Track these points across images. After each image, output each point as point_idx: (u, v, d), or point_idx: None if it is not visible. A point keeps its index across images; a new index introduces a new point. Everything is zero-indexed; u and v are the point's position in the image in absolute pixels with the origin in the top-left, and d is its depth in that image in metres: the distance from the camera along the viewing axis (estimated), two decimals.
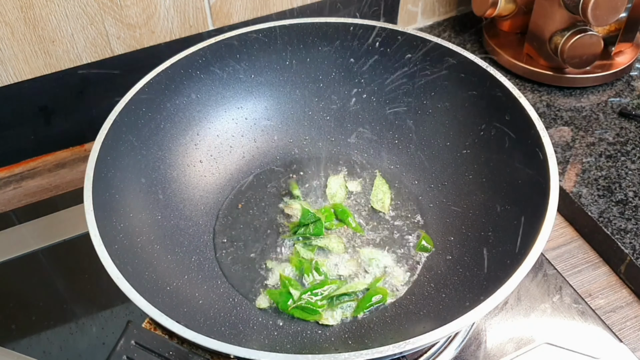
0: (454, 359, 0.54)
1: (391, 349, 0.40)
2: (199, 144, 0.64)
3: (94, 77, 0.71)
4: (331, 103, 0.68)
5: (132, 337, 0.43)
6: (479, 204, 0.58)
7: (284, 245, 0.60)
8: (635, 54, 0.80)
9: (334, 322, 0.53)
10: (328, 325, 0.53)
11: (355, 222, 0.61)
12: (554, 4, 0.73)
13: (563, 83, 0.78)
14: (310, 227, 0.59)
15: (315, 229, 0.59)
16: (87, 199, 0.49)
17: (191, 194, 0.62)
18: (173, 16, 0.71)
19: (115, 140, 0.55)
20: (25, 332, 0.58)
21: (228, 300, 0.54)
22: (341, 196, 0.63)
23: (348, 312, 0.54)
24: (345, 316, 0.54)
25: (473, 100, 0.61)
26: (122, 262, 0.47)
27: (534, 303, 0.58)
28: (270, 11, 0.76)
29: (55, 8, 0.64)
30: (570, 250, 0.64)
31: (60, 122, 0.73)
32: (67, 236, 0.65)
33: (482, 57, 0.81)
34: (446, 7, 0.90)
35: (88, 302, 0.60)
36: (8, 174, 0.74)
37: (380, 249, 0.59)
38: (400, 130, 0.66)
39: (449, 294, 0.52)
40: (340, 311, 0.54)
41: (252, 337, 0.51)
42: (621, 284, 0.61)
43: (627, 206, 0.64)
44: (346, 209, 0.62)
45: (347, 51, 0.66)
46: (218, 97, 0.65)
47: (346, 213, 0.61)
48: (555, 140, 0.72)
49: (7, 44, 0.65)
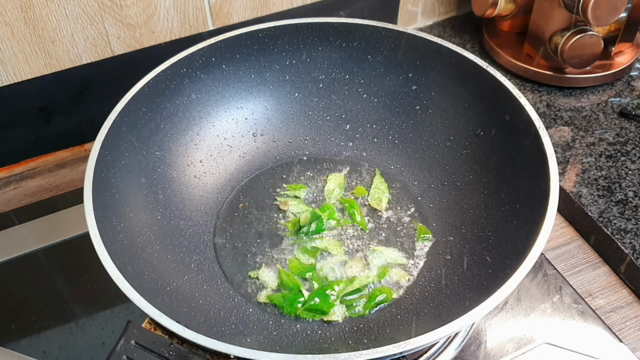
0: (454, 359, 0.54)
1: (391, 349, 0.40)
2: (199, 144, 0.64)
3: (94, 77, 0.71)
4: (331, 103, 0.68)
5: (132, 337, 0.43)
6: (479, 204, 0.58)
7: (285, 245, 0.60)
8: (635, 54, 0.80)
9: (340, 318, 0.53)
10: (329, 324, 0.53)
11: (361, 216, 0.61)
12: (554, 4, 0.73)
13: (563, 83, 0.78)
14: (311, 225, 0.59)
15: (317, 227, 0.59)
16: (87, 199, 0.49)
17: (191, 194, 0.62)
18: (173, 16, 0.71)
19: (115, 140, 0.55)
20: (25, 332, 0.58)
21: (228, 300, 0.54)
22: (338, 195, 0.63)
23: (355, 313, 0.54)
24: (354, 315, 0.54)
25: (473, 100, 0.61)
26: (122, 262, 0.47)
27: (534, 303, 0.58)
28: (270, 11, 0.76)
29: (55, 8, 0.64)
30: (570, 250, 0.64)
31: (60, 122, 0.73)
32: (67, 236, 0.65)
33: (482, 57, 0.82)
34: (446, 7, 0.90)
35: (88, 302, 0.60)
36: (8, 174, 0.74)
37: (382, 247, 0.59)
38: (400, 130, 0.66)
39: (449, 294, 0.52)
40: (343, 307, 0.54)
41: (252, 337, 0.51)
42: (621, 284, 0.61)
43: (627, 206, 0.64)
44: (354, 201, 0.62)
45: (347, 51, 0.66)
46: (218, 97, 0.65)
47: (353, 204, 0.61)
48: (555, 140, 0.72)
49: (7, 44, 0.65)
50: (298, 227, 0.60)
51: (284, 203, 0.63)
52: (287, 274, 0.56)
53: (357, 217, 0.61)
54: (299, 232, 0.60)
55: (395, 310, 0.54)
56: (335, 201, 0.63)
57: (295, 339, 0.52)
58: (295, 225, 0.60)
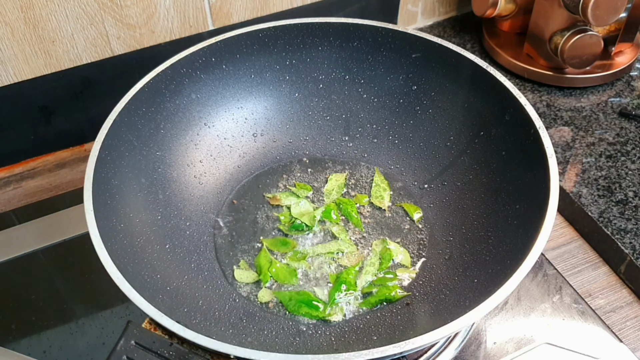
0: (454, 359, 0.54)
1: (391, 349, 0.40)
2: (199, 144, 0.64)
3: (94, 77, 0.71)
4: (331, 103, 0.68)
5: (132, 337, 0.43)
6: (479, 204, 0.58)
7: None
8: (635, 54, 0.80)
9: (340, 318, 0.53)
10: (329, 324, 0.53)
11: (357, 215, 0.61)
12: (554, 4, 0.73)
13: (563, 83, 0.78)
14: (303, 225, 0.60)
15: (308, 226, 0.60)
16: (87, 199, 0.49)
17: (191, 194, 0.62)
18: (173, 16, 0.71)
19: (115, 140, 0.55)
20: (25, 332, 0.58)
21: (228, 301, 0.54)
22: (337, 195, 0.63)
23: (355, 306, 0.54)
24: (359, 306, 0.54)
25: (473, 100, 0.61)
26: (122, 262, 0.47)
27: (534, 303, 0.58)
28: (270, 11, 0.76)
29: (56, 8, 0.64)
30: (570, 250, 0.64)
31: (60, 122, 0.73)
32: (67, 236, 0.65)
33: (482, 57, 0.82)
34: (446, 7, 0.90)
35: (88, 302, 0.60)
36: (8, 174, 0.74)
37: (382, 247, 0.59)
38: (400, 130, 0.66)
39: (449, 294, 0.52)
40: (345, 303, 0.54)
41: (252, 337, 0.51)
42: (621, 284, 0.61)
43: (627, 206, 0.64)
44: (350, 201, 0.62)
45: (347, 51, 0.66)
46: (218, 97, 0.65)
47: (349, 204, 0.61)
48: (555, 140, 0.72)
49: (7, 44, 0.65)
50: (290, 218, 0.60)
51: (273, 198, 0.63)
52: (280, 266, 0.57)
53: (354, 216, 0.61)
54: (293, 226, 0.60)
55: (395, 310, 0.54)
56: (333, 201, 0.63)
57: (295, 339, 0.52)
58: (287, 218, 0.61)
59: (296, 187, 0.64)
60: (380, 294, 0.55)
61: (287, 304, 0.54)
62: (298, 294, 0.55)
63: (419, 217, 0.61)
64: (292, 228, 0.60)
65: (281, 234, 0.60)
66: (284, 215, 0.62)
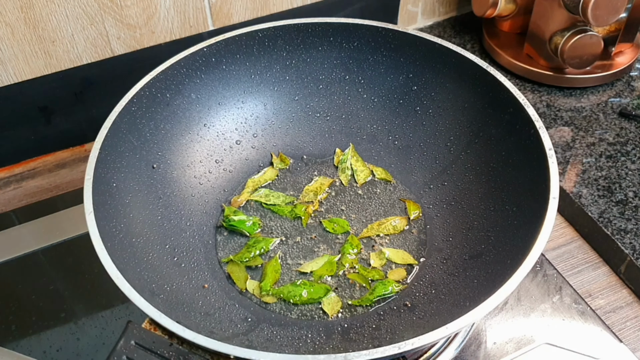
0: (454, 359, 0.54)
1: (391, 349, 0.40)
2: (199, 144, 0.64)
3: (94, 77, 0.71)
4: (331, 103, 0.68)
5: (132, 337, 0.43)
6: (479, 204, 0.58)
7: (284, 244, 0.60)
8: (635, 54, 0.80)
9: (336, 311, 0.54)
10: (329, 324, 0.53)
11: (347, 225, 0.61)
12: (554, 4, 0.73)
13: (563, 83, 0.78)
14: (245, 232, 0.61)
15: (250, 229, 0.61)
16: (87, 199, 0.49)
17: (191, 194, 0.62)
18: (173, 16, 0.71)
19: (115, 140, 0.55)
20: (25, 332, 0.58)
21: (228, 301, 0.54)
22: (314, 198, 0.63)
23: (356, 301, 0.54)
24: (356, 302, 0.54)
25: (473, 100, 0.61)
26: (122, 262, 0.47)
27: (534, 303, 0.58)
28: (270, 11, 0.76)
29: (56, 8, 0.64)
30: (570, 251, 0.64)
31: (60, 122, 0.73)
32: (67, 236, 0.65)
33: (482, 57, 0.82)
34: (446, 7, 0.90)
35: (88, 302, 0.60)
36: (8, 174, 0.74)
37: (383, 247, 0.59)
38: (400, 130, 0.66)
39: (449, 294, 0.52)
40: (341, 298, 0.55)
41: (252, 337, 0.51)
42: (621, 284, 0.61)
43: (627, 206, 0.64)
44: (344, 221, 0.62)
45: (347, 51, 0.66)
46: (218, 97, 0.65)
47: (343, 223, 0.61)
48: (555, 140, 0.72)
49: (7, 44, 0.65)
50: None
51: (235, 200, 0.63)
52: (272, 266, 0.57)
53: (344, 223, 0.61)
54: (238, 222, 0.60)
55: (395, 310, 0.54)
56: (308, 202, 0.63)
57: (295, 339, 0.52)
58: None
59: (279, 157, 0.65)
60: (378, 290, 0.55)
61: (287, 296, 0.55)
62: (297, 285, 0.55)
63: (416, 215, 0.61)
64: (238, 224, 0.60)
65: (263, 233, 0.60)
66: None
